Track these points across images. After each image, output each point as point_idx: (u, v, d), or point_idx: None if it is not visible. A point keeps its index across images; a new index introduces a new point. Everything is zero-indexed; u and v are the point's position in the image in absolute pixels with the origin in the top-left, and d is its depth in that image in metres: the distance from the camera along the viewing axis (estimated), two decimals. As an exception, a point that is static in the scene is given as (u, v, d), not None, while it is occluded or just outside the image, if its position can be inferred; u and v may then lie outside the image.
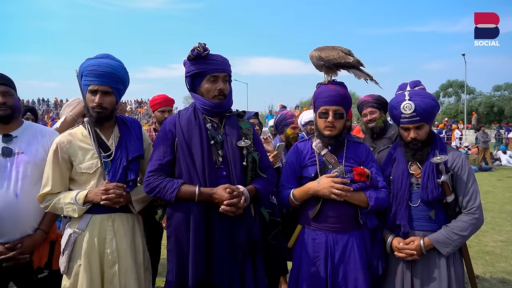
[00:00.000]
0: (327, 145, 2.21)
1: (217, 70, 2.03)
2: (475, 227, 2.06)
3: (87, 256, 2.00)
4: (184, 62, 2.10)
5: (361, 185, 2.10)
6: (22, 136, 2.22)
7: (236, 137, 2.06)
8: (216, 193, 1.90)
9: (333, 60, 2.20)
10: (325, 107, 2.17)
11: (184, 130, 2.02)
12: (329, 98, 2.16)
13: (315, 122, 2.27)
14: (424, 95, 2.12)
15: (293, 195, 2.19)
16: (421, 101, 2.08)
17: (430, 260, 2.09)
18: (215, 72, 2.03)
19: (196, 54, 2.00)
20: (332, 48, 2.25)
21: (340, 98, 2.17)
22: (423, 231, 2.12)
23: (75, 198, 2.00)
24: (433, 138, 2.18)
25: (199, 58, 2.02)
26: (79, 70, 2.09)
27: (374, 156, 2.33)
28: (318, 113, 2.20)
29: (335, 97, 2.16)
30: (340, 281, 2.10)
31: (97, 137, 2.09)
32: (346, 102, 2.21)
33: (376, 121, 2.98)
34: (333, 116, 2.15)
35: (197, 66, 2.04)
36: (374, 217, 2.16)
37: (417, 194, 2.13)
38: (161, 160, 2.00)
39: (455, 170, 2.11)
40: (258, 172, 2.08)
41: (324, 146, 2.22)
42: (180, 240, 1.96)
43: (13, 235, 2.11)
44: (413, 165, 2.18)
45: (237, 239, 1.96)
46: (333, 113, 2.15)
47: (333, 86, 2.21)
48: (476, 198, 2.07)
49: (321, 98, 2.19)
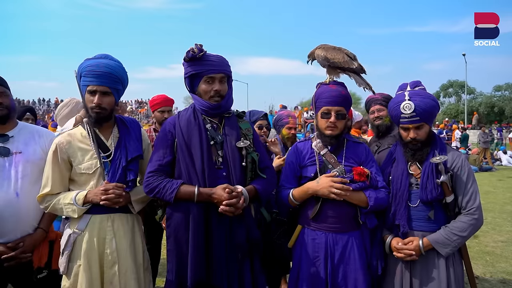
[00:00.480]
0: (328, 145, 2.22)
1: (213, 71, 2.02)
2: (474, 228, 2.06)
3: (87, 256, 2.00)
4: (183, 63, 2.10)
5: (360, 185, 2.10)
6: (19, 136, 2.22)
7: (235, 138, 2.06)
8: (215, 193, 1.90)
9: (337, 63, 2.23)
10: (327, 108, 2.17)
11: (183, 130, 2.02)
12: (331, 99, 2.16)
13: (316, 122, 2.27)
14: (424, 95, 2.12)
15: (292, 195, 2.19)
16: (421, 101, 2.08)
17: (429, 260, 2.09)
18: (211, 73, 2.02)
19: (191, 56, 2.00)
20: (338, 50, 2.27)
21: (342, 99, 2.17)
22: (422, 231, 2.12)
23: (75, 198, 2.01)
24: (432, 138, 2.18)
25: (195, 60, 2.02)
26: (78, 71, 2.09)
27: (374, 156, 2.34)
28: (320, 113, 2.20)
29: (337, 97, 2.16)
30: (339, 281, 2.11)
31: (96, 138, 2.09)
32: (347, 103, 2.23)
33: (383, 119, 2.95)
34: (335, 116, 2.15)
35: (194, 67, 2.03)
36: (373, 217, 2.16)
37: (417, 194, 2.12)
38: (161, 161, 2.00)
39: (455, 171, 2.11)
40: (257, 173, 2.08)
41: (324, 146, 2.22)
42: (179, 240, 1.96)
43: (13, 235, 2.11)
44: (412, 165, 2.18)
45: (237, 239, 1.96)
46: (335, 114, 2.15)
47: (334, 86, 2.21)
48: (475, 198, 2.07)
49: (323, 98, 2.19)
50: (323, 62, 2.28)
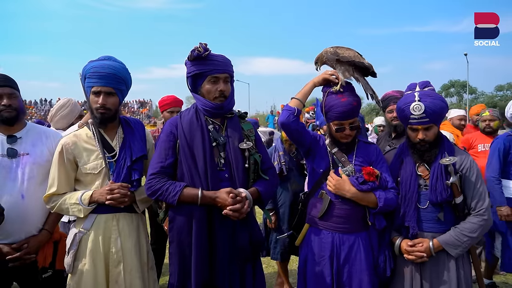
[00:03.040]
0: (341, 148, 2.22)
1: (218, 71, 2.01)
2: (484, 228, 2.05)
3: (92, 255, 2.01)
4: (186, 62, 2.08)
5: (371, 185, 2.08)
6: (26, 137, 2.23)
7: (238, 139, 2.04)
8: (219, 197, 1.89)
9: (348, 57, 2.18)
10: (341, 122, 2.15)
11: (186, 131, 2.00)
12: (343, 114, 2.12)
13: (328, 127, 2.25)
14: (434, 97, 2.10)
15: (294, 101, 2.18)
16: (431, 103, 2.06)
17: (439, 261, 2.08)
18: (215, 73, 2.00)
19: (197, 55, 1.98)
20: (349, 48, 2.24)
21: (353, 110, 2.14)
22: (432, 232, 2.10)
23: (81, 198, 2.02)
24: (440, 140, 2.16)
25: (199, 59, 2.00)
26: (82, 73, 2.11)
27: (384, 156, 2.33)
28: (333, 126, 2.18)
29: (350, 111, 2.12)
30: (344, 281, 2.10)
31: (101, 138, 2.11)
32: (359, 109, 2.20)
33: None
34: (350, 129, 2.15)
35: (198, 67, 2.01)
36: (382, 218, 2.14)
37: (426, 195, 2.11)
38: (163, 162, 1.98)
39: (464, 172, 2.09)
40: (260, 174, 2.08)
41: (336, 145, 2.23)
42: (182, 242, 1.95)
43: (18, 236, 2.12)
44: (420, 166, 2.16)
45: (240, 241, 1.96)
46: (349, 126, 2.15)
47: (345, 98, 2.13)
48: (485, 199, 2.06)
49: (335, 113, 2.14)
50: (333, 57, 2.22)
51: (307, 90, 2.22)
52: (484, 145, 4.02)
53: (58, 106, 3.24)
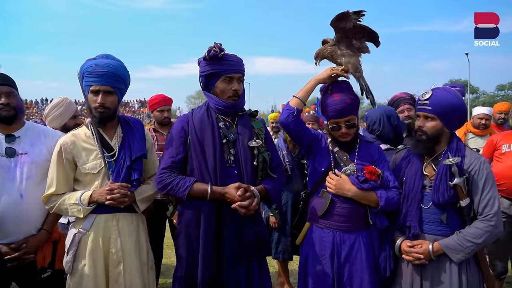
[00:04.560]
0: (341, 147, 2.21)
1: (232, 71, 2.04)
2: (491, 235, 1.93)
3: (92, 255, 2.00)
4: (199, 62, 2.11)
5: (372, 184, 2.07)
6: (25, 136, 2.22)
7: (248, 137, 2.08)
8: (228, 193, 1.93)
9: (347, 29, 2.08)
10: (336, 120, 2.14)
11: (197, 128, 2.04)
12: (337, 112, 2.11)
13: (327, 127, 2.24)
14: (448, 91, 2.02)
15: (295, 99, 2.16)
16: (441, 94, 2.00)
17: (441, 265, 2.01)
18: (230, 73, 2.04)
19: (213, 55, 2.00)
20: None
21: (348, 108, 2.12)
22: (434, 235, 2.02)
23: (80, 198, 2.01)
24: (449, 139, 2.08)
25: (215, 59, 2.02)
26: (80, 71, 2.10)
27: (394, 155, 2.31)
28: (330, 126, 2.18)
29: (343, 109, 2.11)
30: (345, 281, 2.10)
31: (100, 138, 2.10)
32: (356, 107, 2.17)
33: (412, 118, 2.88)
34: (345, 127, 2.14)
35: (213, 67, 2.04)
36: (384, 218, 2.12)
37: (430, 196, 2.04)
38: (174, 158, 2.02)
39: (471, 174, 1.99)
40: (268, 172, 2.10)
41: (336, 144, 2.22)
42: (190, 236, 1.99)
43: (17, 236, 2.11)
44: (428, 166, 2.09)
45: (246, 237, 1.99)
46: (345, 125, 2.13)
47: (338, 96, 2.12)
48: (493, 204, 1.93)
49: (330, 112, 2.13)
50: (334, 26, 2.10)
51: (309, 88, 2.20)
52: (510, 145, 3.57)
53: (51, 105, 3.15)
